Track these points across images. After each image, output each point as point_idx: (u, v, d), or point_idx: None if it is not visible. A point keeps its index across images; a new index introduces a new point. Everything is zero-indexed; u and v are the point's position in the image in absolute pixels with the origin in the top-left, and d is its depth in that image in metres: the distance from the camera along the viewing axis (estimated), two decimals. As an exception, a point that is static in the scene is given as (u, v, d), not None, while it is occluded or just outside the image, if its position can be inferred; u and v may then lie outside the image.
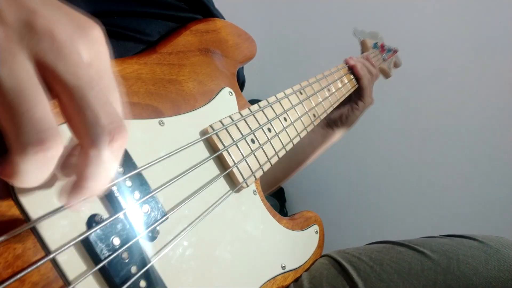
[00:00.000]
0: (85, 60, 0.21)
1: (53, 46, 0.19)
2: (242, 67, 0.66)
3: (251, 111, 0.49)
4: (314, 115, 0.61)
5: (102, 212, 0.30)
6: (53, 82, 0.20)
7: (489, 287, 0.39)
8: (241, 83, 0.66)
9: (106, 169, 0.22)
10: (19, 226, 0.25)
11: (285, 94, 0.56)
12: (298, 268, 0.49)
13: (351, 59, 0.77)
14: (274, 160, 0.50)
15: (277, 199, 1.70)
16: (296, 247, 0.50)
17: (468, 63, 1.40)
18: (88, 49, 0.21)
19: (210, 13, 0.54)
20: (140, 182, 0.33)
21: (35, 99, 0.19)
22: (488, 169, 1.39)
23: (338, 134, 0.79)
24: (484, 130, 1.39)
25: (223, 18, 0.58)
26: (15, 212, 0.26)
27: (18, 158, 0.19)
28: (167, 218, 0.34)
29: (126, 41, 0.43)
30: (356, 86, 0.78)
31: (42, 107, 0.19)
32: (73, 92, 0.20)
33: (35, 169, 0.20)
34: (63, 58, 0.19)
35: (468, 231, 0.48)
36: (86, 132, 0.20)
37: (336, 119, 0.77)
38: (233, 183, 0.44)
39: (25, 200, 0.26)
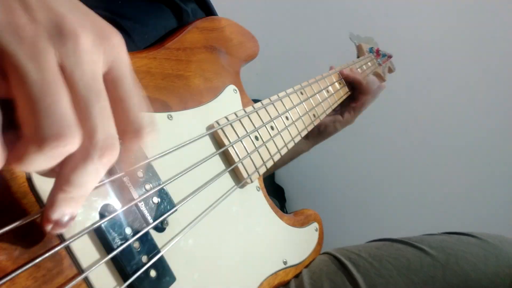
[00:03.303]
0: (103, 68, 0.21)
1: (75, 50, 0.20)
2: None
3: (254, 109, 0.49)
4: (314, 115, 0.62)
5: (114, 202, 0.30)
6: (67, 84, 0.20)
7: (488, 283, 0.40)
8: None
9: (87, 180, 0.22)
10: (34, 212, 0.25)
11: (286, 93, 0.57)
12: (298, 264, 0.50)
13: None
14: (277, 157, 0.51)
15: (277, 199, 1.70)
16: (297, 243, 0.51)
17: (464, 65, 1.44)
18: (108, 55, 0.22)
19: (208, 6, 0.56)
20: (151, 174, 0.33)
21: (59, 94, 0.19)
22: (487, 168, 1.41)
23: (310, 144, 0.75)
24: (483, 129, 1.42)
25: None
26: (30, 198, 0.26)
27: (33, 148, 0.19)
28: (176, 210, 0.34)
29: (129, 28, 0.43)
30: (349, 93, 0.77)
31: (65, 103, 0.19)
32: (80, 101, 0.20)
33: (44, 160, 0.20)
34: (81, 65, 0.20)
35: (469, 230, 0.48)
36: (86, 139, 0.21)
37: (314, 128, 0.71)
38: (238, 179, 0.44)
39: (40, 188, 0.26)
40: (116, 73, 0.22)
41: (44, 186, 0.26)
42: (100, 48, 0.21)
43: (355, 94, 0.76)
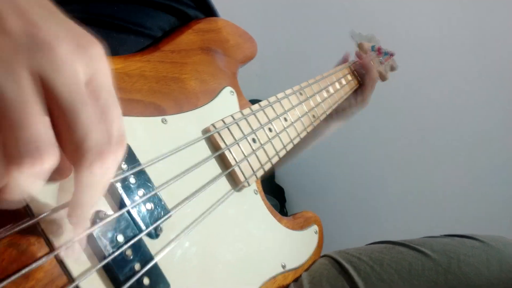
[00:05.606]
0: (83, 78, 0.21)
1: (52, 60, 0.19)
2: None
3: (252, 111, 0.49)
4: (313, 116, 0.61)
5: (106, 208, 0.30)
6: (48, 97, 0.19)
7: (491, 287, 0.39)
8: None
9: (95, 187, 0.22)
10: (23, 222, 0.25)
11: (285, 94, 0.56)
12: (298, 267, 0.49)
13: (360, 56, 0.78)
14: (275, 160, 0.50)
15: (277, 199, 1.70)
16: (296, 246, 0.50)
17: (466, 63, 1.42)
18: (87, 66, 0.21)
19: (210, 9, 0.55)
20: (144, 180, 0.33)
21: (36, 114, 0.18)
22: (489, 168, 1.40)
23: (332, 127, 0.79)
24: (484, 130, 1.41)
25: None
26: (19, 208, 0.26)
27: (13, 167, 0.18)
28: (170, 215, 0.34)
29: (127, 34, 0.43)
30: (356, 87, 0.79)
31: (42, 122, 0.19)
32: (66, 109, 0.19)
33: (27, 180, 0.19)
34: (61, 73, 0.19)
35: (470, 231, 0.48)
36: (74, 151, 0.20)
37: (332, 111, 0.77)
38: (235, 182, 0.44)
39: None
40: (96, 85, 0.22)
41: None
42: (78, 59, 0.20)
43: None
